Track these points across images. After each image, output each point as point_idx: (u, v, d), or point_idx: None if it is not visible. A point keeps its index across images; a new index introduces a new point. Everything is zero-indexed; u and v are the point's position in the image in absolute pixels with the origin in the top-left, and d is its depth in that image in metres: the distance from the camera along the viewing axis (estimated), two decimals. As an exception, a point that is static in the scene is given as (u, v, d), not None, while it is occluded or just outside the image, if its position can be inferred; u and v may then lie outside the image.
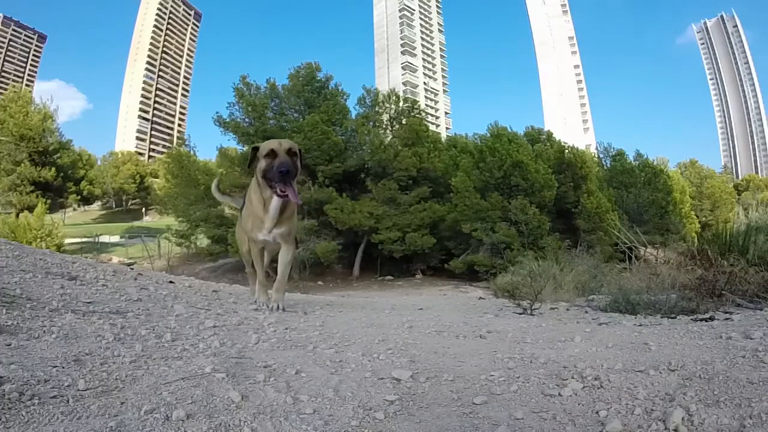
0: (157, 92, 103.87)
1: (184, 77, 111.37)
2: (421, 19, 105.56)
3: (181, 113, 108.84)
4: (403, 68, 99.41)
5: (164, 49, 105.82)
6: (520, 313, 3.19)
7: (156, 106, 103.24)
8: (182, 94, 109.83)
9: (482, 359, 1.57)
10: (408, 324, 2.33)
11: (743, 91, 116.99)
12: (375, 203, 20.52)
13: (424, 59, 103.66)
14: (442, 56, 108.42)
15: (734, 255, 3.41)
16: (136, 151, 74.97)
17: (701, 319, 2.33)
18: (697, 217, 33.02)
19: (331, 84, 22.93)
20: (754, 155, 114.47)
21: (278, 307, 2.91)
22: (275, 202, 2.82)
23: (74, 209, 46.35)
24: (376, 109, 22.96)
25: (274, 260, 3.31)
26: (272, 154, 2.71)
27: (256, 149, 2.83)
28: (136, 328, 1.76)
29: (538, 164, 20.83)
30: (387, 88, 25.45)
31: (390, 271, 21.64)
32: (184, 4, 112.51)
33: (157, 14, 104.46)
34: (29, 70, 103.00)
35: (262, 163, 2.74)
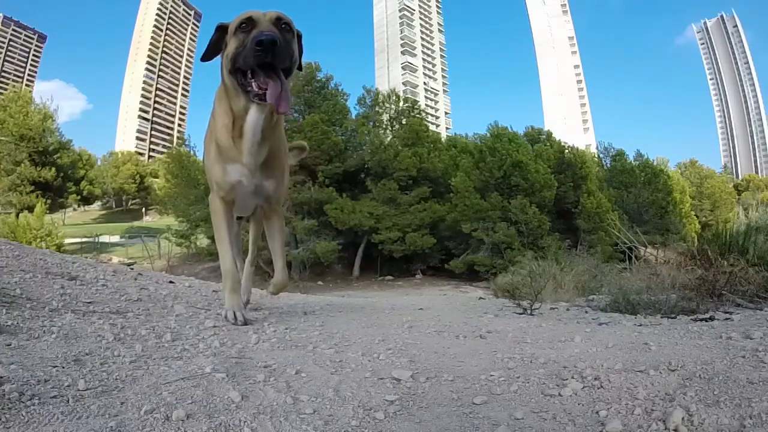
0: (157, 92, 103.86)
1: (184, 77, 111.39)
2: (421, 19, 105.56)
3: (181, 113, 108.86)
4: (403, 68, 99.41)
5: (164, 49, 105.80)
6: (520, 313, 3.19)
7: (156, 106, 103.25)
8: (182, 94, 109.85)
9: (482, 359, 1.57)
10: (408, 324, 2.33)
11: (743, 91, 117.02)
12: (375, 203, 20.53)
13: (424, 59, 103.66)
14: (442, 56, 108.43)
15: (734, 255, 3.41)
16: (136, 151, 74.97)
17: (701, 319, 2.33)
18: (697, 217, 33.02)
19: (331, 84, 22.97)
20: (754, 155, 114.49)
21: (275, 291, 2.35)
22: (254, 116, 1.76)
23: (74, 209, 46.34)
24: (376, 109, 22.99)
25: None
26: (248, 24, 1.65)
27: (222, 29, 1.77)
28: (136, 328, 1.76)
29: (538, 164, 20.85)
30: (387, 88, 25.49)
31: (390, 271, 21.66)
32: (184, 4, 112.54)
33: (157, 14, 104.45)
34: (29, 70, 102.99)
35: (231, 45, 1.69)
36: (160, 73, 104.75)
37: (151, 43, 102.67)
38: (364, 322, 2.39)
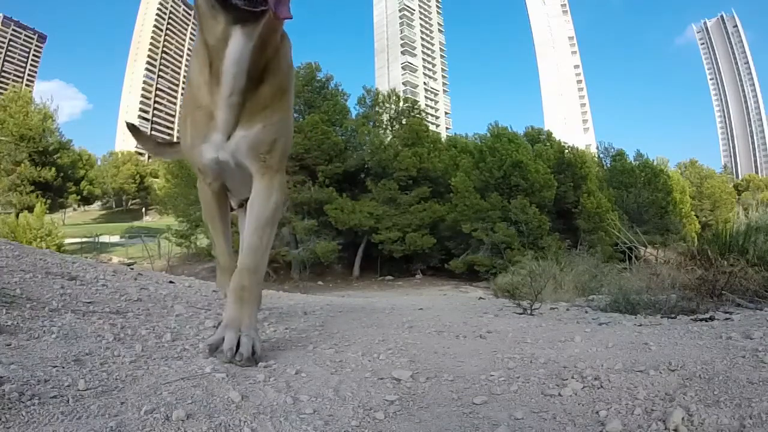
0: (157, 92, 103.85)
1: (184, 77, 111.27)
2: (421, 19, 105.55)
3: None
4: (403, 68, 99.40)
5: (164, 49, 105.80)
6: (520, 313, 3.19)
7: (156, 106, 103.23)
8: (182, 94, 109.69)
9: (482, 359, 1.57)
10: (408, 324, 2.33)
11: (743, 91, 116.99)
12: (375, 203, 20.54)
13: (424, 59, 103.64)
14: (442, 56, 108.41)
15: (734, 255, 3.41)
16: (136, 151, 74.86)
17: (701, 319, 2.33)
18: (697, 217, 33.03)
19: (331, 84, 23.01)
20: (754, 155, 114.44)
21: (238, 348, 1.34)
22: (238, 43, 1.26)
23: (74, 209, 46.32)
24: (376, 109, 23.01)
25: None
26: None
27: None
28: (136, 328, 1.76)
29: (538, 164, 20.86)
30: (387, 88, 25.51)
31: (390, 271, 21.66)
32: (184, 4, 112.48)
33: (157, 14, 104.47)
34: (29, 70, 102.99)
35: None
36: (160, 73, 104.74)
37: (151, 43, 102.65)
38: (364, 322, 2.39)
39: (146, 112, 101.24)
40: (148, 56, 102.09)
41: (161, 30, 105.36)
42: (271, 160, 1.46)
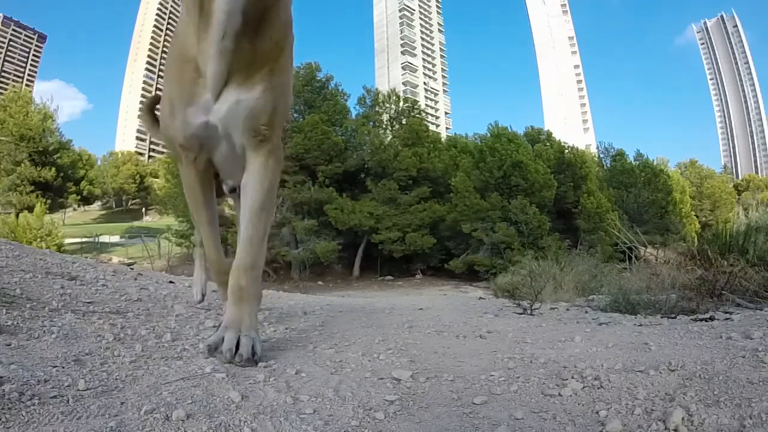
0: (157, 92, 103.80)
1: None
2: (421, 19, 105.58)
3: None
4: (403, 68, 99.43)
5: (164, 49, 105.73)
6: (520, 313, 3.19)
7: (156, 106, 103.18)
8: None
9: (482, 359, 1.57)
10: (408, 324, 2.33)
11: (743, 91, 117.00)
12: (375, 203, 20.55)
13: (424, 59, 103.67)
14: (442, 56, 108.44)
15: (734, 255, 3.41)
16: (136, 151, 74.89)
17: (701, 319, 2.32)
18: (697, 217, 33.05)
19: (331, 84, 23.03)
20: (754, 155, 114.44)
21: (236, 349, 1.32)
22: None
23: (74, 209, 46.31)
24: (376, 109, 23.03)
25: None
26: None
27: None
28: (136, 328, 1.76)
29: (538, 164, 20.87)
30: (387, 88, 25.54)
31: (390, 271, 21.67)
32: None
33: (157, 14, 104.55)
34: (29, 70, 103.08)
35: None
36: (160, 73, 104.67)
37: (151, 43, 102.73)
38: (364, 322, 2.39)
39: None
40: (148, 56, 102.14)
41: (161, 30, 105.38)
42: (269, 132, 1.27)
